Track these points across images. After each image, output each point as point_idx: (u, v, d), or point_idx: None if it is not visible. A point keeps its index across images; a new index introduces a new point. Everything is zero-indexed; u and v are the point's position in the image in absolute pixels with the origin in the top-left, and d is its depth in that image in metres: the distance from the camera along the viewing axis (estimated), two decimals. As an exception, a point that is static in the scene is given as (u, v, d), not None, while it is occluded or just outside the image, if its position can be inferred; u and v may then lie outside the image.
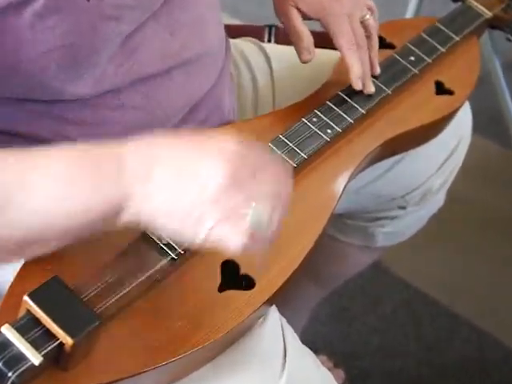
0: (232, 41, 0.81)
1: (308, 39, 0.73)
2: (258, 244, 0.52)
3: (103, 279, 0.57)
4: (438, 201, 0.92)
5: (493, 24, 0.87)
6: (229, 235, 0.51)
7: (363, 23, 0.73)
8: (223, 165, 0.50)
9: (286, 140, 0.69)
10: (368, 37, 0.74)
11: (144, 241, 0.59)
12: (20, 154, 0.53)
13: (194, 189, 0.51)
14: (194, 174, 0.51)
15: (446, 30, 0.80)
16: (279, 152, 0.68)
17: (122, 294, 0.56)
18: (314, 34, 0.98)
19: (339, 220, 0.91)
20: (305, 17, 0.74)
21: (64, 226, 0.53)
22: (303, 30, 0.73)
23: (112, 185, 0.52)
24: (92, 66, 0.60)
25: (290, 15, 0.73)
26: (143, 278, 0.57)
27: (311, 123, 0.70)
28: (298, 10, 0.74)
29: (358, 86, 0.72)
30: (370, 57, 0.74)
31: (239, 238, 0.51)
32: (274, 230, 0.53)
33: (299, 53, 0.74)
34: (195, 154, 0.52)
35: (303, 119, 0.71)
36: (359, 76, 0.72)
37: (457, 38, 0.81)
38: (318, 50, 0.86)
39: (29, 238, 0.53)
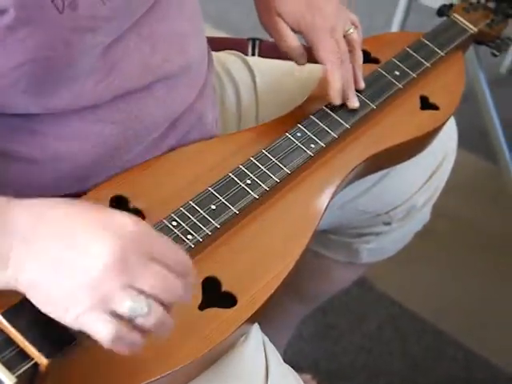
0: (215, 54, 0.81)
1: (299, 49, 0.73)
2: (134, 335, 0.48)
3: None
4: (423, 217, 0.92)
5: (478, 39, 0.87)
6: (95, 324, 0.47)
7: (346, 37, 0.73)
8: (115, 245, 0.47)
9: (268, 155, 0.68)
10: (351, 51, 0.73)
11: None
12: None
13: (77, 268, 0.47)
14: (81, 251, 0.47)
15: (431, 45, 0.80)
16: (262, 167, 0.67)
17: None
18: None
19: (323, 236, 0.90)
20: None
21: None
22: (292, 39, 0.73)
23: None
24: (69, 80, 0.59)
25: (278, 26, 0.73)
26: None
27: (295, 138, 0.70)
28: (284, 21, 0.73)
29: (336, 100, 0.72)
30: (353, 71, 0.73)
31: (107, 327, 0.47)
32: (153, 323, 0.48)
33: (295, 59, 0.74)
34: (88, 228, 0.48)
35: (287, 134, 0.70)
36: (338, 91, 0.71)
37: (442, 53, 0.81)
38: (304, 65, 0.86)
39: None
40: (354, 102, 0.72)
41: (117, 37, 0.61)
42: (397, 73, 0.77)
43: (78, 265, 0.47)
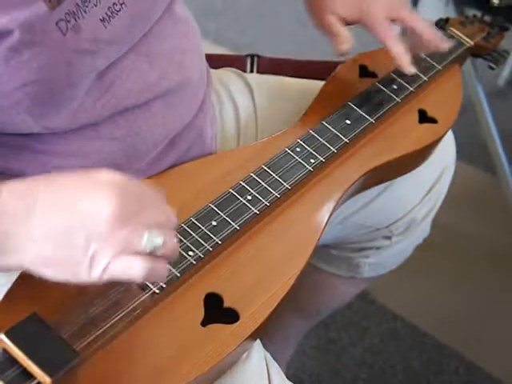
0: (214, 71, 0.81)
1: (344, 34, 0.75)
2: (160, 264, 0.52)
3: (84, 315, 0.55)
4: (424, 230, 0.92)
5: (475, 52, 0.87)
6: (128, 266, 0.50)
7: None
8: (110, 198, 0.50)
9: (269, 170, 0.68)
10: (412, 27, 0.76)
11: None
12: None
13: (83, 228, 0.50)
14: (80, 212, 0.50)
15: (428, 59, 0.81)
16: (262, 183, 0.67)
17: (103, 329, 0.55)
18: (296, 62, 0.99)
19: (324, 251, 0.90)
20: (344, 22, 0.77)
21: None
22: (342, 29, 0.75)
23: None
24: (68, 99, 0.60)
25: (328, 21, 0.76)
26: (124, 313, 0.56)
27: (294, 153, 0.70)
28: (337, 15, 0.76)
29: (410, 71, 0.74)
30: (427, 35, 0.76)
31: (139, 265, 0.51)
32: (171, 249, 0.53)
33: (336, 45, 0.75)
34: (79, 190, 0.51)
35: (286, 149, 0.70)
36: (408, 63, 0.74)
37: (439, 67, 0.81)
38: (301, 80, 0.87)
39: None
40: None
41: (116, 58, 0.62)
42: (395, 87, 0.78)
43: (86, 224, 0.49)
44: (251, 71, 0.95)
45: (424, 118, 0.78)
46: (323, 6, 0.76)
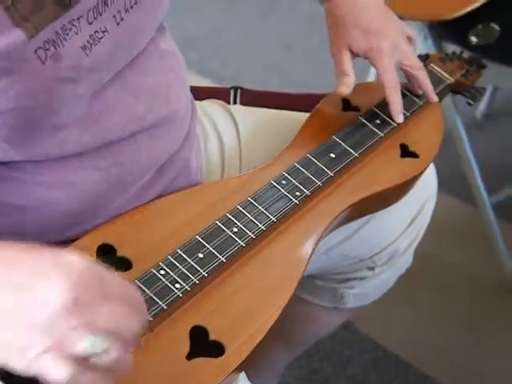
0: (198, 103, 0.82)
1: (349, 77, 0.78)
2: (91, 375, 0.45)
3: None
4: (406, 261, 0.92)
5: (454, 89, 0.89)
6: (51, 366, 0.44)
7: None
8: (63, 286, 0.44)
9: (255, 203, 0.69)
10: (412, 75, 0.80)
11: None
12: None
13: (28, 311, 0.44)
14: (30, 293, 0.44)
15: (409, 95, 0.82)
16: (249, 215, 0.67)
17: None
18: (279, 95, 1.01)
19: (309, 281, 0.90)
20: (355, 55, 0.80)
21: None
22: (347, 67, 0.78)
23: None
24: (51, 129, 0.59)
25: (342, 56, 0.78)
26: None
27: (280, 186, 0.71)
28: (350, 50, 0.79)
29: (399, 119, 0.79)
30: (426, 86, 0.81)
31: (61, 369, 0.44)
32: (118, 363, 0.45)
33: (339, 85, 0.78)
34: (35, 268, 0.45)
35: (272, 182, 0.71)
36: (400, 112, 0.79)
37: (421, 103, 0.82)
38: (284, 112, 0.88)
39: None
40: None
41: (100, 88, 0.62)
42: (378, 121, 0.79)
43: (29, 308, 0.44)
44: (235, 103, 0.97)
45: (406, 152, 0.79)
46: (341, 37, 0.79)
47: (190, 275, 0.62)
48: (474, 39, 1.01)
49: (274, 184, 0.71)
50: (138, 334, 0.47)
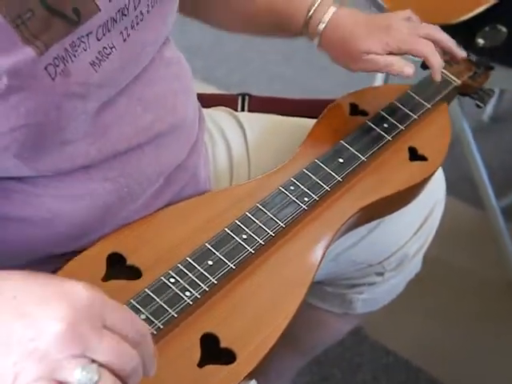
0: (205, 110, 0.82)
1: (398, 61, 0.77)
2: None
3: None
4: (416, 266, 0.92)
5: (462, 91, 0.89)
6: None
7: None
8: (65, 314, 0.44)
9: (263, 209, 0.69)
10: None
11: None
12: None
13: (25, 337, 0.44)
14: (29, 320, 0.44)
15: (417, 98, 0.82)
16: (257, 222, 0.67)
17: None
18: (285, 101, 1.01)
19: (318, 287, 0.90)
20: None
21: None
22: (387, 60, 0.78)
23: None
24: (60, 144, 0.59)
25: (368, 59, 0.78)
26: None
27: (288, 192, 0.71)
28: (368, 53, 0.78)
29: (439, 78, 0.79)
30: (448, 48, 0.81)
31: None
32: None
33: (402, 73, 0.77)
34: (36, 297, 0.45)
35: (280, 188, 0.71)
36: (440, 69, 0.79)
37: (428, 106, 0.82)
38: (291, 118, 0.88)
39: None
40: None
41: (107, 100, 0.62)
42: (385, 125, 0.79)
43: (26, 334, 0.44)
44: (242, 110, 0.97)
45: (414, 155, 0.79)
46: (355, 52, 0.78)
47: (200, 283, 0.62)
48: (481, 41, 1.01)
49: (283, 190, 0.71)
50: (136, 370, 0.46)
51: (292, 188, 0.71)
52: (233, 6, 0.83)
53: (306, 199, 0.70)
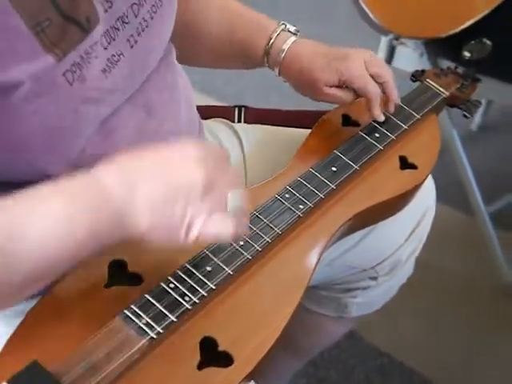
0: (203, 121, 0.84)
1: (352, 97, 0.80)
2: (243, 223, 0.60)
3: (84, 362, 0.56)
4: (408, 270, 0.94)
5: (450, 102, 0.91)
6: (219, 225, 0.58)
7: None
8: (199, 170, 0.57)
9: (260, 216, 0.70)
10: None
11: (123, 321, 0.59)
12: (17, 196, 0.55)
13: (179, 197, 0.56)
14: (176, 184, 0.57)
15: (407, 109, 0.84)
16: (254, 228, 0.69)
17: (102, 376, 0.56)
18: (281, 112, 1.03)
19: (313, 291, 0.92)
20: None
21: (67, 259, 0.56)
22: (345, 96, 0.80)
23: (104, 211, 0.56)
24: (71, 147, 0.62)
25: (327, 91, 0.79)
26: (123, 358, 0.57)
27: (284, 199, 0.72)
28: (327, 84, 0.79)
29: (381, 118, 0.81)
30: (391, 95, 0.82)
31: (228, 225, 0.58)
32: (245, 207, 0.60)
33: (373, 110, 0.80)
34: (171, 165, 0.57)
35: (276, 196, 0.73)
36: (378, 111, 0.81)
37: (418, 116, 0.84)
38: (286, 129, 0.91)
39: (32, 276, 0.55)
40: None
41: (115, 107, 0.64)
42: (377, 135, 0.81)
43: (181, 194, 0.56)
44: (239, 121, 0.99)
45: (405, 164, 0.81)
46: (315, 83, 0.79)
47: (199, 288, 0.63)
48: (467, 54, 1.04)
49: (278, 198, 0.72)
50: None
51: (287, 196, 0.73)
52: (197, 40, 0.84)
53: (301, 206, 0.72)
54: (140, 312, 0.60)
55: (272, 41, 0.80)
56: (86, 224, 0.55)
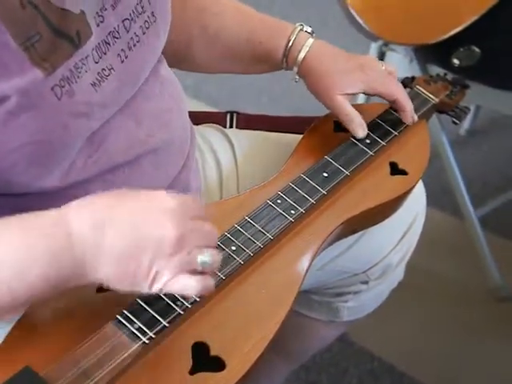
0: (196, 127, 0.84)
1: (358, 118, 0.80)
2: (208, 278, 0.59)
3: (76, 367, 0.57)
4: (398, 275, 0.95)
5: (439, 109, 0.91)
6: (185, 283, 0.57)
7: None
8: (172, 225, 0.56)
9: (252, 221, 0.71)
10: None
11: (115, 326, 0.60)
12: None
13: (148, 250, 0.56)
14: (146, 237, 0.56)
15: (397, 115, 0.85)
16: (246, 234, 0.70)
17: (94, 381, 0.56)
18: (273, 118, 1.04)
19: (305, 296, 0.92)
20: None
21: (24, 294, 0.55)
22: (351, 111, 0.80)
23: (66, 254, 0.55)
24: (61, 159, 0.62)
25: (338, 102, 0.79)
26: (115, 364, 0.58)
27: (276, 205, 0.73)
28: (346, 95, 0.79)
29: (410, 121, 0.83)
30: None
31: (195, 282, 0.57)
32: (216, 264, 0.60)
33: (354, 132, 0.80)
34: (144, 217, 0.57)
35: (268, 201, 0.73)
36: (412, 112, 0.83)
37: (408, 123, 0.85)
38: (278, 134, 0.91)
39: None
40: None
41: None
42: (368, 141, 0.81)
43: (150, 247, 0.55)
44: (231, 126, 0.99)
45: (395, 170, 0.81)
46: (332, 86, 0.80)
47: None
48: (456, 61, 1.05)
49: (270, 203, 0.73)
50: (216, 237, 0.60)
51: (279, 201, 0.73)
52: (216, 43, 0.83)
53: (292, 212, 0.72)
54: (132, 317, 0.60)
55: (292, 41, 0.81)
56: (45, 265, 0.55)
